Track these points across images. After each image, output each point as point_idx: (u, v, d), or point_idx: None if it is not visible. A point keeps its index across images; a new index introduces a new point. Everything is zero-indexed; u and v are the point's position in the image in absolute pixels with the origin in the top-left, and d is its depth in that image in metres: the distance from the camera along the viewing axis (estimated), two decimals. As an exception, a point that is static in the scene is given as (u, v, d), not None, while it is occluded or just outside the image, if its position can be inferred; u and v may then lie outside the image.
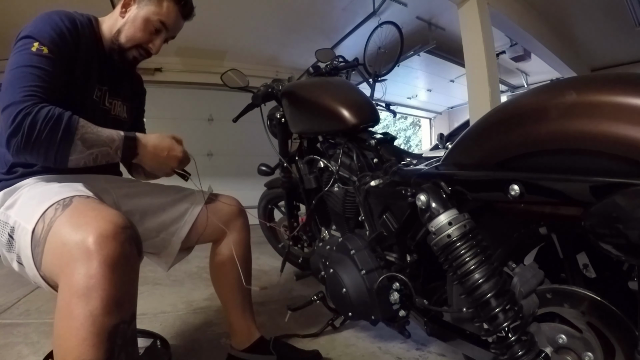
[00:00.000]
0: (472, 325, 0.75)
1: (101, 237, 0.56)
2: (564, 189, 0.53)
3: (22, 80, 0.70)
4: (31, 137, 0.66)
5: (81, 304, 0.54)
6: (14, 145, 0.67)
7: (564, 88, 0.56)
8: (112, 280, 0.56)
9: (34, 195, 0.72)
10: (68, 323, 0.54)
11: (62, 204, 0.65)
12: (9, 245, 0.70)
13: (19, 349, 1.17)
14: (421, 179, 0.76)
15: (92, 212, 0.63)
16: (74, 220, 0.61)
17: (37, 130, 0.66)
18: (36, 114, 0.67)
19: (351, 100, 1.15)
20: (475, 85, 2.76)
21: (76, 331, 0.53)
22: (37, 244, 0.63)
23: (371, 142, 1.09)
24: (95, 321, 0.54)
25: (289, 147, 1.48)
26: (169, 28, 0.94)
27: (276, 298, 1.67)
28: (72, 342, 0.54)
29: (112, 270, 0.56)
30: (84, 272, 0.54)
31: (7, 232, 0.70)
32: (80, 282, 0.54)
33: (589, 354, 0.61)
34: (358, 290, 0.94)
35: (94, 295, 0.54)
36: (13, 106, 0.67)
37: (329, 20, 3.82)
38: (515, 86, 5.71)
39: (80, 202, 0.67)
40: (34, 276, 0.67)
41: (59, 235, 0.60)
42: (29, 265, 0.66)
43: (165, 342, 1.16)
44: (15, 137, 0.66)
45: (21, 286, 1.80)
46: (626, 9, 3.25)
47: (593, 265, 0.70)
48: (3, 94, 0.70)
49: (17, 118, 0.66)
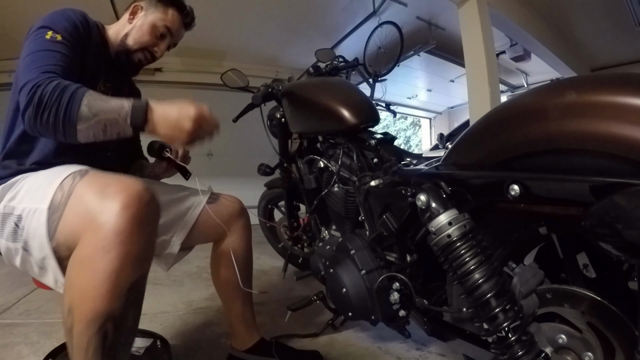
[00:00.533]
0: (472, 325, 0.75)
1: (129, 197, 0.59)
2: (564, 189, 0.53)
3: (37, 62, 0.72)
4: (40, 106, 0.67)
5: (107, 258, 0.56)
6: (27, 118, 0.68)
7: (564, 88, 0.56)
8: (139, 237, 0.59)
9: (39, 182, 0.72)
10: (90, 275, 0.57)
11: (79, 174, 0.67)
12: (14, 234, 0.69)
13: (19, 349, 1.17)
14: (421, 179, 0.76)
15: (112, 178, 0.65)
16: (97, 184, 0.64)
17: (46, 98, 0.67)
18: (47, 85, 0.68)
19: (351, 100, 1.15)
20: (475, 85, 2.76)
21: (98, 284, 0.56)
22: (55, 210, 0.64)
23: (371, 142, 1.09)
24: (120, 275, 0.57)
25: (289, 147, 1.48)
26: (173, 34, 1.01)
27: (276, 298, 1.67)
28: (91, 293, 0.57)
29: (139, 227, 0.59)
30: (111, 228, 0.57)
31: (13, 222, 0.69)
32: (108, 237, 0.56)
33: (589, 354, 0.61)
34: (358, 290, 0.94)
35: (122, 250, 0.57)
36: (29, 83, 0.68)
37: (329, 20, 3.82)
38: (515, 86, 5.71)
39: (96, 172, 0.69)
40: (41, 258, 0.67)
41: (82, 197, 0.63)
42: (40, 243, 0.65)
43: (165, 342, 1.16)
44: (28, 108, 0.67)
45: (21, 286, 1.80)
46: (626, 9, 3.25)
47: (593, 265, 0.70)
48: (20, 76, 0.71)
49: (31, 91, 0.67)
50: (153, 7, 0.99)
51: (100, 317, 0.58)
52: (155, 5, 0.99)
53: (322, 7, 3.58)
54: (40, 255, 0.67)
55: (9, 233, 0.71)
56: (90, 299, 0.57)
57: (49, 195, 0.66)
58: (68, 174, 0.68)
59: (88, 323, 0.57)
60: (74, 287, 0.59)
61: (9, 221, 0.71)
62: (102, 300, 0.57)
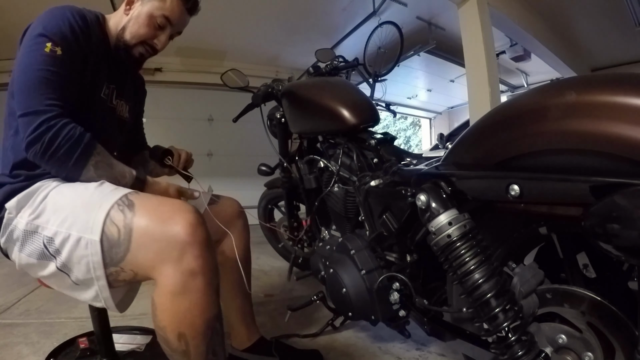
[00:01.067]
0: (472, 325, 0.75)
1: (194, 226, 0.65)
2: (564, 189, 0.53)
3: (40, 86, 0.71)
4: (48, 151, 0.69)
5: (198, 279, 0.64)
6: (31, 152, 0.70)
7: (564, 88, 0.56)
8: (210, 250, 0.68)
9: (68, 202, 0.71)
10: (190, 297, 0.64)
11: (124, 204, 0.68)
12: (41, 254, 0.69)
13: (19, 349, 1.17)
14: (421, 179, 0.76)
15: (164, 205, 0.68)
16: (154, 217, 0.66)
17: (55, 146, 0.69)
18: (58, 130, 0.69)
19: (351, 100, 1.15)
20: (475, 85, 2.76)
21: (203, 300, 0.65)
22: (116, 245, 0.65)
23: (371, 142, 1.09)
24: (212, 284, 0.67)
25: (289, 147, 1.48)
26: (174, 23, 0.93)
27: (276, 298, 1.67)
28: (201, 308, 0.66)
29: (207, 242, 0.67)
30: (193, 256, 0.64)
31: (41, 242, 0.69)
32: (192, 263, 0.63)
33: (589, 354, 0.61)
34: (358, 290, 0.94)
35: (206, 267, 0.65)
36: (34, 115, 0.69)
37: (329, 20, 3.81)
38: (515, 86, 5.71)
39: (139, 198, 0.70)
40: (86, 279, 0.67)
41: (146, 233, 0.65)
42: (90, 269, 0.66)
43: None
44: (34, 146, 0.69)
45: (21, 286, 1.80)
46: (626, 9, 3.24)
47: (593, 265, 0.70)
48: (20, 97, 0.71)
49: (39, 129, 0.68)
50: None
51: (212, 321, 0.68)
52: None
53: (322, 7, 3.58)
54: (85, 277, 0.67)
55: (34, 252, 0.70)
56: (201, 314, 0.66)
57: (96, 228, 0.65)
58: (109, 207, 0.67)
59: (204, 333, 0.67)
60: (178, 314, 0.65)
61: (34, 240, 0.70)
62: (210, 308, 0.67)
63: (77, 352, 1.09)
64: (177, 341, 0.66)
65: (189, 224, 0.65)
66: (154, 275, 0.65)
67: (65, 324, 1.37)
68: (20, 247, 0.71)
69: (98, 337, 1.00)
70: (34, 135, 0.68)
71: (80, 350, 1.08)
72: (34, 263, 0.71)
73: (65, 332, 1.29)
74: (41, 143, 0.69)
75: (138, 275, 0.67)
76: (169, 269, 0.63)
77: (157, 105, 3.87)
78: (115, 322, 1.27)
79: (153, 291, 0.66)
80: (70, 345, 1.14)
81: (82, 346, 1.09)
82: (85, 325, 1.33)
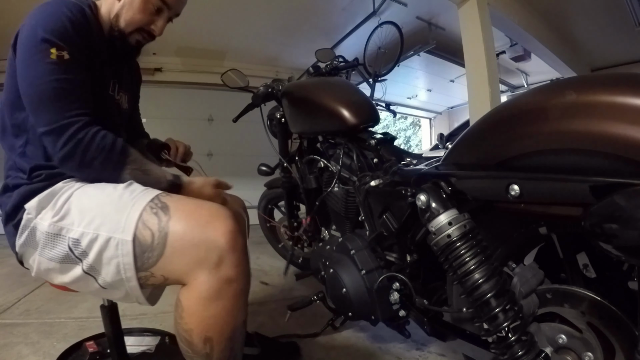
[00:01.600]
0: (472, 325, 0.75)
1: (231, 234, 0.64)
2: (564, 189, 0.53)
3: (56, 98, 0.68)
4: (83, 164, 0.69)
5: (234, 286, 0.64)
6: (66, 168, 0.70)
7: (564, 88, 0.56)
8: (245, 254, 0.68)
9: (95, 203, 0.68)
10: (223, 303, 0.64)
11: (157, 207, 0.66)
12: (65, 258, 0.66)
13: (19, 349, 1.17)
14: (421, 179, 0.76)
15: (201, 209, 0.67)
16: (191, 221, 0.65)
17: (89, 159, 0.69)
18: (89, 143, 0.68)
19: (351, 100, 1.15)
20: (475, 85, 2.75)
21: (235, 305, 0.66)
22: (149, 249, 0.64)
23: (371, 142, 1.09)
24: (245, 290, 0.68)
25: (289, 147, 1.48)
26: (171, 6, 0.86)
27: (276, 298, 1.67)
28: (232, 314, 0.65)
29: (244, 246, 0.67)
30: (231, 264, 0.63)
31: (67, 245, 0.66)
32: (230, 269, 0.63)
33: (589, 354, 0.61)
34: (358, 290, 0.94)
35: (241, 273, 0.65)
36: (59, 131, 0.67)
37: (329, 20, 3.81)
38: (515, 86, 5.71)
39: (172, 200, 0.68)
40: (115, 281, 0.66)
41: (183, 237, 0.64)
42: (119, 270, 0.64)
43: (173, 338, 1.16)
44: (68, 162, 0.69)
45: (21, 286, 1.80)
46: (626, 9, 3.24)
47: (593, 265, 0.70)
48: (38, 113, 0.68)
49: (68, 145, 0.67)
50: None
51: (240, 327, 0.69)
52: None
53: (322, 7, 3.58)
54: (114, 279, 0.66)
55: (57, 255, 0.67)
56: (232, 320, 0.66)
57: (128, 228, 0.63)
58: (141, 209, 0.65)
59: (230, 338, 0.67)
60: (208, 319, 0.64)
61: (57, 243, 0.67)
62: (240, 314, 0.68)
63: (85, 356, 1.06)
64: (202, 344, 0.65)
65: (229, 230, 0.64)
66: (187, 280, 0.64)
67: (65, 324, 1.37)
68: (40, 250, 0.68)
69: (109, 339, 0.97)
70: (65, 151, 0.67)
71: (90, 354, 1.06)
72: (54, 267, 0.68)
73: (65, 332, 1.29)
74: (74, 159, 0.68)
75: (168, 280, 0.66)
76: (205, 275, 0.62)
77: (157, 105, 3.87)
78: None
79: (180, 293, 0.65)
80: (77, 349, 1.11)
81: (91, 350, 1.07)
82: (85, 325, 1.33)
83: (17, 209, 0.71)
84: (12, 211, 0.72)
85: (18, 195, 0.71)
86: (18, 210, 0.71)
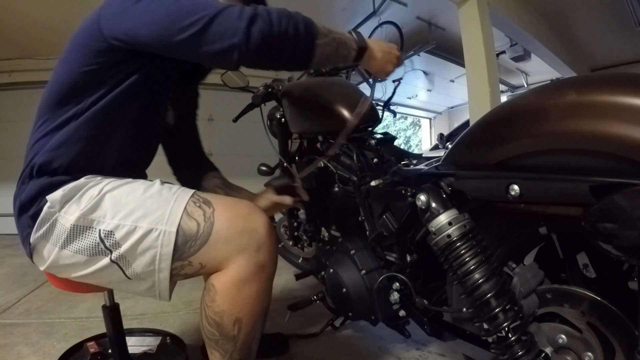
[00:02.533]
0: (472, 325, 0.75)
1: (268, 225, 0.70)
2: (564, 189, 0.53)
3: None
4: (278, 24, 0.62)
5: (267, 271, 0.70)
6: (255, 35, 0.61)
7: (564, 88, 0.57)
8: (276, 243, 0.73)
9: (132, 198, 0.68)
10: (257, 286, 0.69)
11: (200, 201, 0.70)
12: (94, 248, 0.66)
13: (19, 349, 1.17)
14: (421, 179, 0.76)
15: (240, 204, 0.72)
16: (234, 212, 0.70)
17: (279, 19, 0.63)
18: (269, 11, 0.63)
19: (351, 100, 1.15)
20: (475, 85, 2.76)
21: (265, 289, 0.71)
22: (192, 239, 0.67)
23: (371, 142, 1.09)
24: (272, 274, 0.73)
25: (289, 147, 1.48)
26: None
27: (276, 298, 1.67)
28: (262, 297, 0.71)
29: (276, 246, 0.73)
30: (267, 250, 0.69)
31: (97, 236, 0.66)
32: (265, 255, 0.69)
33: (589, 354, 0.61)
34: (358, 290, 0.94)
35: (271, 260, 0.71)
36: (226, 10, 0.61)
37: (329, 20, 3.80)
38: (515, 86, 5.72)
39: (211, 196, 0.72)
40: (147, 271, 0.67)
41: (228, 227, 0.68)
42: (155, 260, 0.66)
43: (175, 338, 1.17)
44: (255, 26, 0.61)
45: (21, 286, 1.80)
46: (626, 9, 3.25)
47: (593, 265, 0.70)
48: (189, 11, 0.61)
49: (245, 13, 0.61)
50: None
51: (266, 310, 0.74)
52: None
53: (322, 7, 3.58)
54: (145, 269, 0.67)
55: (86, 248, 0.66)
56: (261, 302, 0.71)
57: (174, 220, 0.66)
58: (186, 201, 0.68)
59: (257, 321, 0.72)
60: (241, 300, 0.68)
61: (86, 235, 0.66)
62: (267, 298, 0.73)
63: (87, 356, 1.06)
64: (231, 326, 0.69)
65: (267, 222, 0.70)
66: (225, 265, 0.68)
67: (65, 324, 1.37)
68: (63, 243, 0.67)
69: (111, 339, 0.97)
70: (247, 17, 0.60)
71: (91, 354, 1.06)
72: (79, 260, 0.67)
73: (65, 332, 1.29)
74: (262, 21, 0.61)
75: (205, 267, 0.69)
76: (244, 260, 0.67)
77: (157, 105, 3.87)
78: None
79: (212, 278, 0.69)
80: (79, 350, 1.10)
81: (92, 350, 1.07)
82: (85, 325, 1.34)
83: (34, 200, 0.69)
84: (28, 202, 0.69)
85: (36, 186, 0.69)
86: (34, 201, 0.68)
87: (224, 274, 0.68)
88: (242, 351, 0.72)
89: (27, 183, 0.71)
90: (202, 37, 0.62)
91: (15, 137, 3.44)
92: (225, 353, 0.71)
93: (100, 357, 1.05)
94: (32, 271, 1.95)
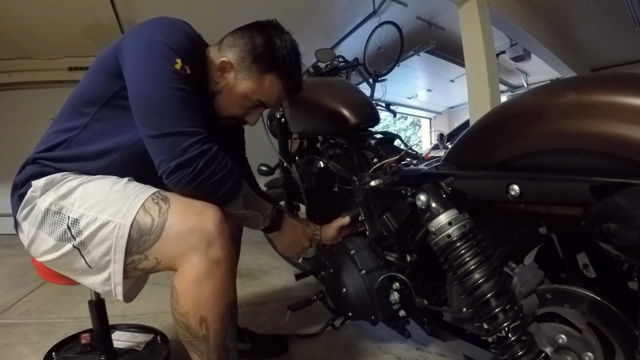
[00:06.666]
0: (472, 325, 0.75)
1: (222, 221, 0.70)
2: (564, 189, 0.53)
3: (180, 106, 0.68)
4: (200, 176, 0.69)
5: (222, 267, 0.69)
6: (178, 175, 0.68)
7: (564, 88, 0.57)
8: (232, 248, 0.72)
9: (100, 192, 0.71)
10: (214, 283, 0.68)
11: (158, 198, 0.70)
12: (62, 235, 0.70)
13: (19, 349, 1.18)
14: (421, 179, 0.76)
15: (195, 202, 0.71)
16: (188, 210, 0.69)
17: (209, 172, 0.69)
18: (213, 156, 0.69)
19: (351, 100, 1.15)
20: (475, 85, 2.76)
21: (224, 285, 0.70)
22: (146, 233, 0.68)
23: (371, 142, 1.09)
24: (233, 270, 0.73)
25: (289, 147, 1.48)
26: (268, 105, 0.87)
27: (276, 298, 1.67)
28: (222, 293, 0.70)
29: (230, 242, 0.71)
30: (219, 247, 0.68)
31: (65, 223, 0.70)
32: (218, 251, 0.68)
33: (589, 354, 0.61)
34: (358, 290, 0.94)
35: (228, 255, 0.70)
36: (181, 136, 0.67)
37: (329, 20, 3.81)
38: (515, 86, 5.72)
39: (171, 194, 0.72)
40: (103, 262, 0.69)
41: (180, 224, 0.68)
42: (109, 251, 0.68)
43: (165, 337, 1.18)
44: (184, 169, 0.67)
45: (21, 286, 1.80)
46: (626, 9, 3.25)
47: (593, 265, 0.70)
48: (155, 116, 0.67)
49: (191, 151, 0.67)
50: (246, 70, 0.80)
51: (230, 306, 0.72)
52: (248, 68, 0.80)
53: (322, 7, 3.58)
54: (102, 259, 0.69)
55: (55, 231, 0.70)
56: (222, 298, 0.70)
57: (129, 215, 0.67)
58: (145, 198, 0.69)
59: (224, 318, 0.71)
60: (201, 298, 0.68)
61: (56, 220, 0.70)
62: (229, 293, 0.72)
63: (78, 347, 1.12)
64: (198, 326, 0.69)
65: (219, 218, 0.69)
66: (179, 263, 0.68)
67: (65, 324, 1.37)
68: (39, 225, 0.72)
69: (97, 334, 1.03)
70: (186, 157, 0.66)
71: (81, 345, 1.11)
72: (48, 242, 0.71)
73: (65, 332, 1.29)
74: (194, 167, 0.67)
75: (161, 263, 0.70)
76: (196, 257, 0.67)
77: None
78: (117, 321, 1.27)
79: (174, 279, 0.70)
80: (73, 341, 1.17)
81: (84, 341, 1.12)
82: (85, 325, 1.33)
83: (24, 183, 0.75)
84: (20, 183, 0.76)
85: (29, 172, 0.75)
86: (24, 184, 0.75)
87: (181, 273, 0.69)
88: (218, 350, 0.71)
89: (24, 167, 0.77)
90: (158, 139, 0.68)
91: (15, 137, 3.46)
92: (201, 354, 0.71)
93: (89, 348, 1.10)
94: (32, 271, 1.94)
